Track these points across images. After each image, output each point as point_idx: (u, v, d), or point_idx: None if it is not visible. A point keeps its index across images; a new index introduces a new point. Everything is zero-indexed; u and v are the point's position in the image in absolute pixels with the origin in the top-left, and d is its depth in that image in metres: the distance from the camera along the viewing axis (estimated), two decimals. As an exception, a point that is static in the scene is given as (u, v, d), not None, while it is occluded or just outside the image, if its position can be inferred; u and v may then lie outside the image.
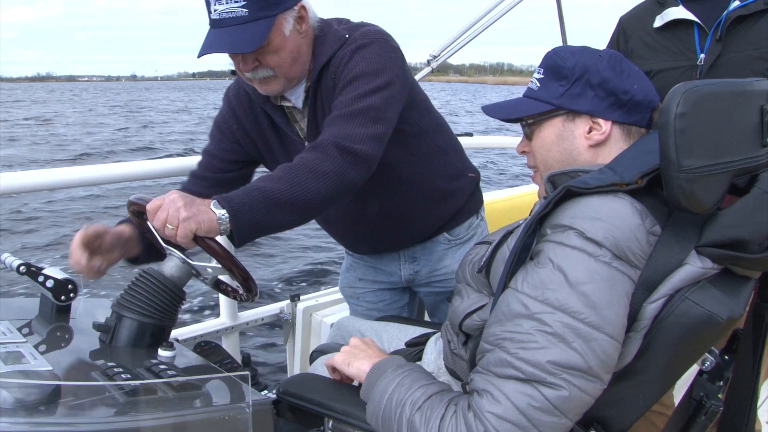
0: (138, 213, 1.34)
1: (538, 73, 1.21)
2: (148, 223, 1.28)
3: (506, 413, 0.92)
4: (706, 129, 0.94)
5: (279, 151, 1.67)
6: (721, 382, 1.09)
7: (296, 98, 1.60)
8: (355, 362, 1.22)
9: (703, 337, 0.97)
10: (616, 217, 0.95)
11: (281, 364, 2.90)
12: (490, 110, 1.29)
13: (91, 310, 1.43)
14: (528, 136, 1.24)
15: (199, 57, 1.45)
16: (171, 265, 1.31)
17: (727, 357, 1.12)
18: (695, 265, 0.96)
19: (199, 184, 1.68)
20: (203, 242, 1.22)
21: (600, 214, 0.96)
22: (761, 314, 1.13)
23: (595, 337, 0.92)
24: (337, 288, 2.27)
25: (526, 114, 1.21)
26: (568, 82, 1.15)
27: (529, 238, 1.02)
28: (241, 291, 1.37)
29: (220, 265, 1.28)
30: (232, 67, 1.56)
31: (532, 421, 0.92)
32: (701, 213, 0.96)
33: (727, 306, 0.94)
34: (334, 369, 1.29)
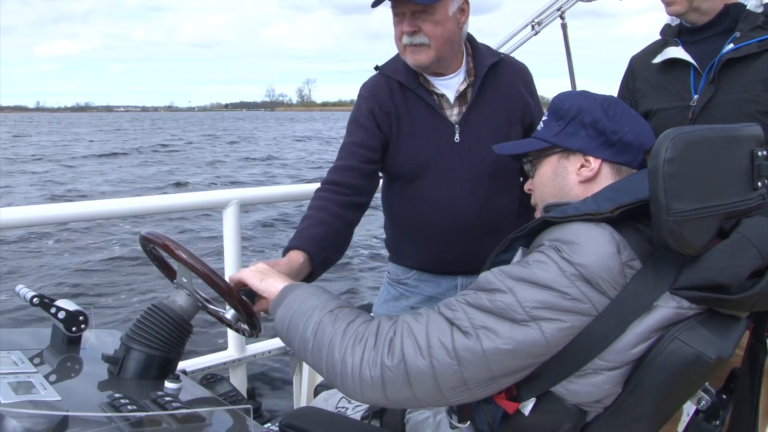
0: (146, 246, 1.38)
1: (545, 115, 1.30)
2: (163, 255, 1.32)
3: (417, 332, 1.02)
4: (695, 173, 0.97)
5: (425, 128, 1.83)
6: (717, 422, 1.10)
7: (448, 90, 1.83)
8: (268, 279, 1.26)
9: (692, 377, 0.98)
10: (592, 242, 0.99)
11: (288, 397, 2.91)
12: (500, 149, 1.40)
13: (101, 340, 1.46)
14: (530, 174, 1.30)
15: (374, 6, 1.73)
16: (179, 299, 1.34)
17: (724, 396, 1.13)
18: (668, 306, 0.98)
19: (348, 175, 1.81)
20: (208, 278, 1.25)
21: (578, 239, 1.00)
22: (756, 354, 1.14)
23: (529, 325, 0.97)
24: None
25: (526, 150, 1.30)
26: (564, 121, 1.24)
27: (504, 255, 1.11)
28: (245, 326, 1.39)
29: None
30: (266, 98, 1.70)
31: (432, 350, 0.99)
32: (691, 254, 0.98)
33: (716, 346, 0.95)
34: (240, 281, 1.32)
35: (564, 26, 3.60)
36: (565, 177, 1.23)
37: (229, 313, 1.37)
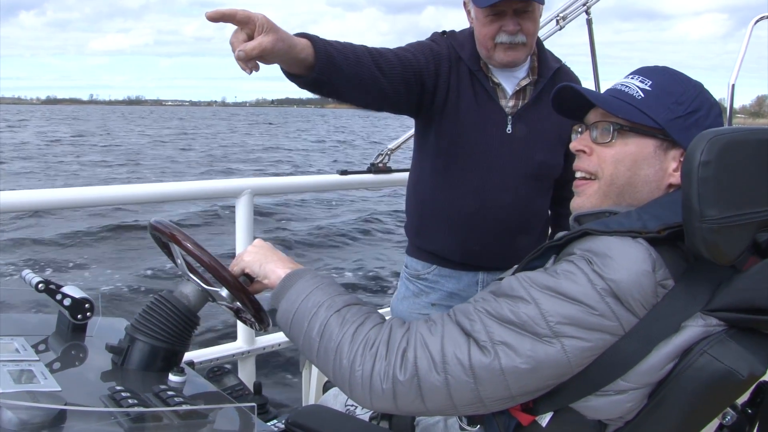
0: (155, 234, 1.34)
1: (642, 82, 1.09)
2: (171, 246, 1.28)
3: (433, 346, 0.96)
4: (731, 178, 0.91)
5: (476, 109, 1.78)
6: None
7: (507, 81, 1.79)
8: (267, 264, 1.20)
9: (721, 394, 0.93)
10: (626, 258, 0.93)
11: (297, 391, 2.88)
12: (597, 98, 1.11)
13: (107, 329, 1.44)
14: (598, 137, 1.10)
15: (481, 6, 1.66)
16: (187, 291, 1.31)
17: (750, 411, 1.08)
18: (696, 325, 0.93)
19: (383, 56, 1.61)
20: (215, 272, 1.22)
21: (612, 253, 0.94)
22: None
23: (551, 342, 0.92)
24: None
25: (628, 117, 1.06)
26: (684, 110, 1.06)
27: (536, 261, 1.05)
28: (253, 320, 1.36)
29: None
30: (311, 96, 1.61)
31: (447, 366, 0.94)
32: (725, 264, 0.93)
33: (748, 362, 0.90)
34: (243, 271, 1.25)
35: (589, 22, 3.52)
36: (655, 172, 1.06)
37: (237, 306, 1.33)
